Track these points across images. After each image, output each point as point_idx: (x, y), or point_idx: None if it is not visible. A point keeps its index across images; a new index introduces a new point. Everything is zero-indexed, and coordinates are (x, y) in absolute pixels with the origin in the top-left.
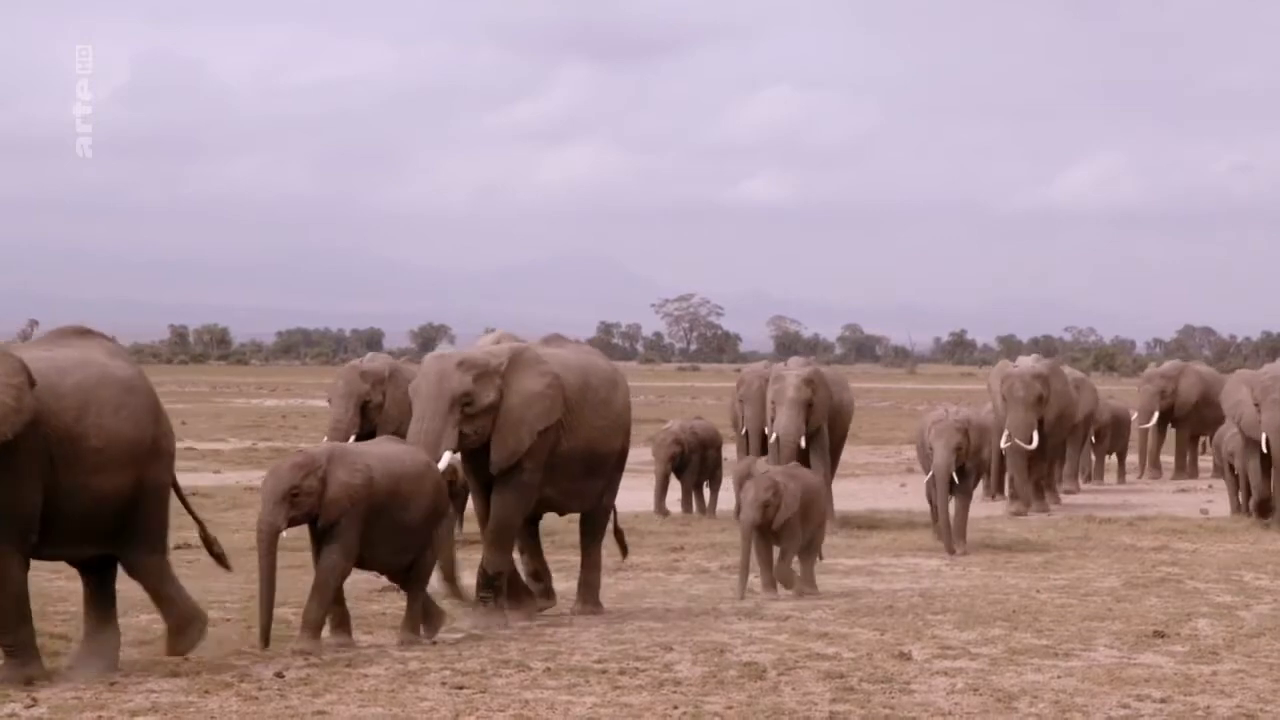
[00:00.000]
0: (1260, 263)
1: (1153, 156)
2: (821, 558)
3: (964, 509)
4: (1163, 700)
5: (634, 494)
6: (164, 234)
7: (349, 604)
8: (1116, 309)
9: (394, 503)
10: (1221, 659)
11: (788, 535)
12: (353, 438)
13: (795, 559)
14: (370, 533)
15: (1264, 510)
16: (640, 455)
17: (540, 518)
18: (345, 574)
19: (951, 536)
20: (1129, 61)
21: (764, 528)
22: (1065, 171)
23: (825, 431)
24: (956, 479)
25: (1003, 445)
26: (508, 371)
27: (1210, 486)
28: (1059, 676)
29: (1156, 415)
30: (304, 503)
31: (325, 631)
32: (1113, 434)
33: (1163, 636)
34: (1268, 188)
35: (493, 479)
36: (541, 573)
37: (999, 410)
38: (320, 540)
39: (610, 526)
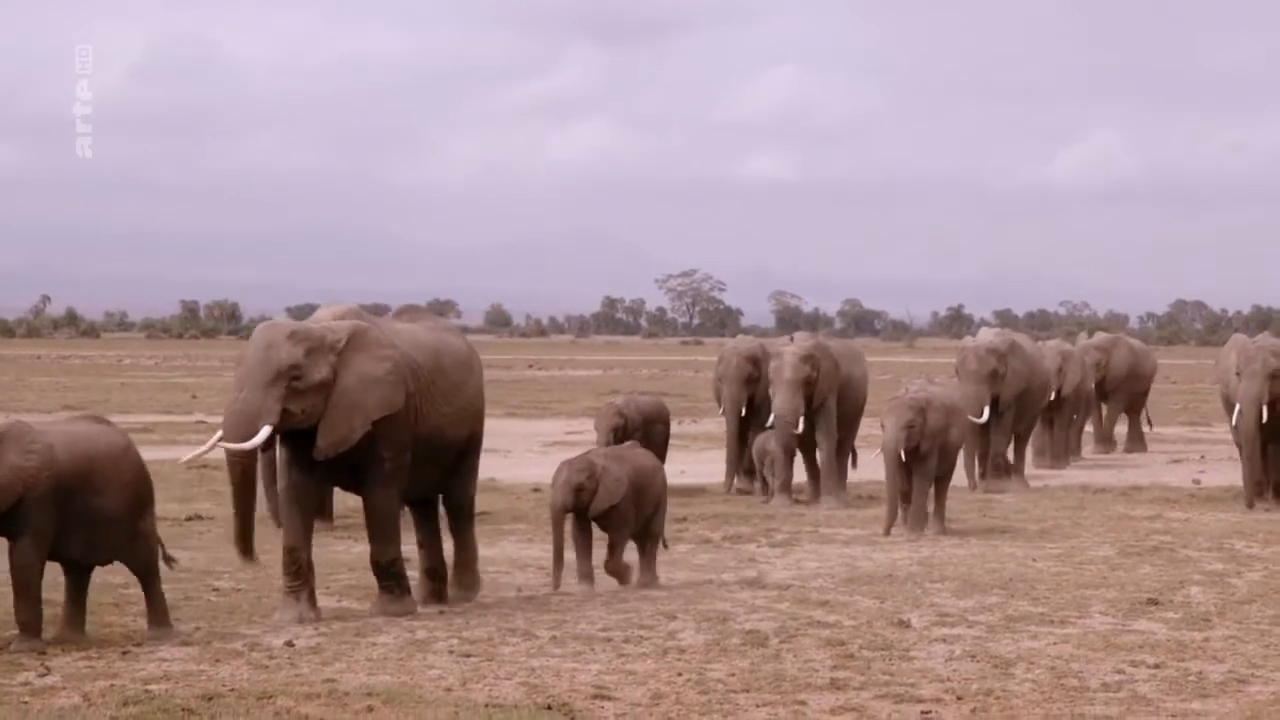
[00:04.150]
0: (1252, 238)
1: (1148, 134)
2: (666, 546)
3: (923, 490)
4: (1156, 666)
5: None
6: (177, 211)
7: (355, 574)
8: (1111, 284)
9: (85, 487)
10: (1213, 625)
11: (615, 525)
12: None
13: (653, 549)
14: (60, 521)
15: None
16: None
17: (435, 511)
18: (38, 569)
19: (893, 517)
20: (1126, 40)
21: (580, 513)
22: (1063, 149)
23: (832, 407)
24: (913, 458)
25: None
26: (346, 349)
27: (1203, 457)
28: (1055, 643)
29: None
30: None
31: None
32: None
33: (1156, 604)
34: (1261, 164)
35: (323, 465)
36: (439, 570)
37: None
38: (3, 533)
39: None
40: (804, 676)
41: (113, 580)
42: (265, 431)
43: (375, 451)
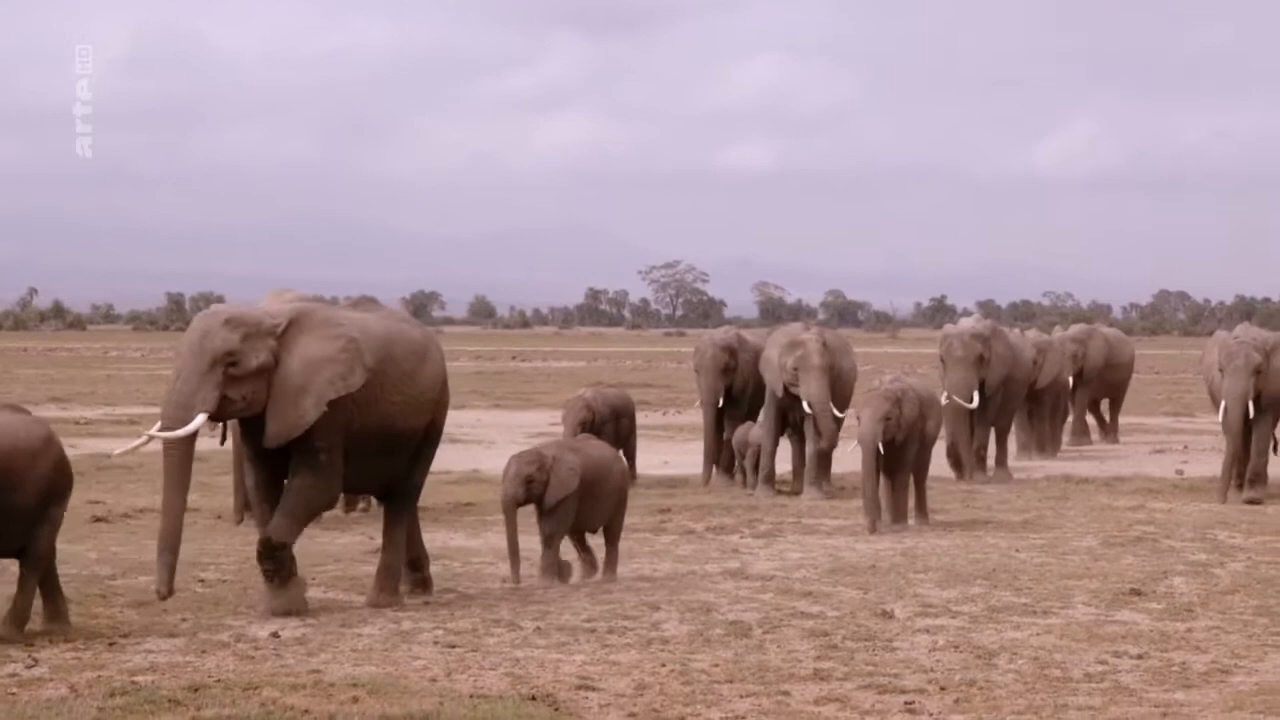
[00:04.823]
0: (1236, 227)
1: (1132, 122)
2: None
3: (903, 484)
4: (1139, 656)
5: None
6: (164, 203)
7: (342, 565)
8: (1094, 274)
9: (2, 483)
10: (1197, 616)
11: (556, 518)
12: None
13: (615, 546)
14: None
15: (1240, 481)
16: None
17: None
18: None
19: (876, 512)
20: (1110, 27)
21: (536, 506)
22: (1046, 138)
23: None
24: (890, 450)
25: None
26: (287, 333)
27: (1186, 448)
28: (1038, 634)
29: (1070, 379)
30: None
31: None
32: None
33: (1139, 594)
34: (1244, 152)
35: (279, 457)
36: (421, 560)
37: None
38: None
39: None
40: (787, 667)
41: (100, 572)
42: (200, 419)
43: (308, 439)
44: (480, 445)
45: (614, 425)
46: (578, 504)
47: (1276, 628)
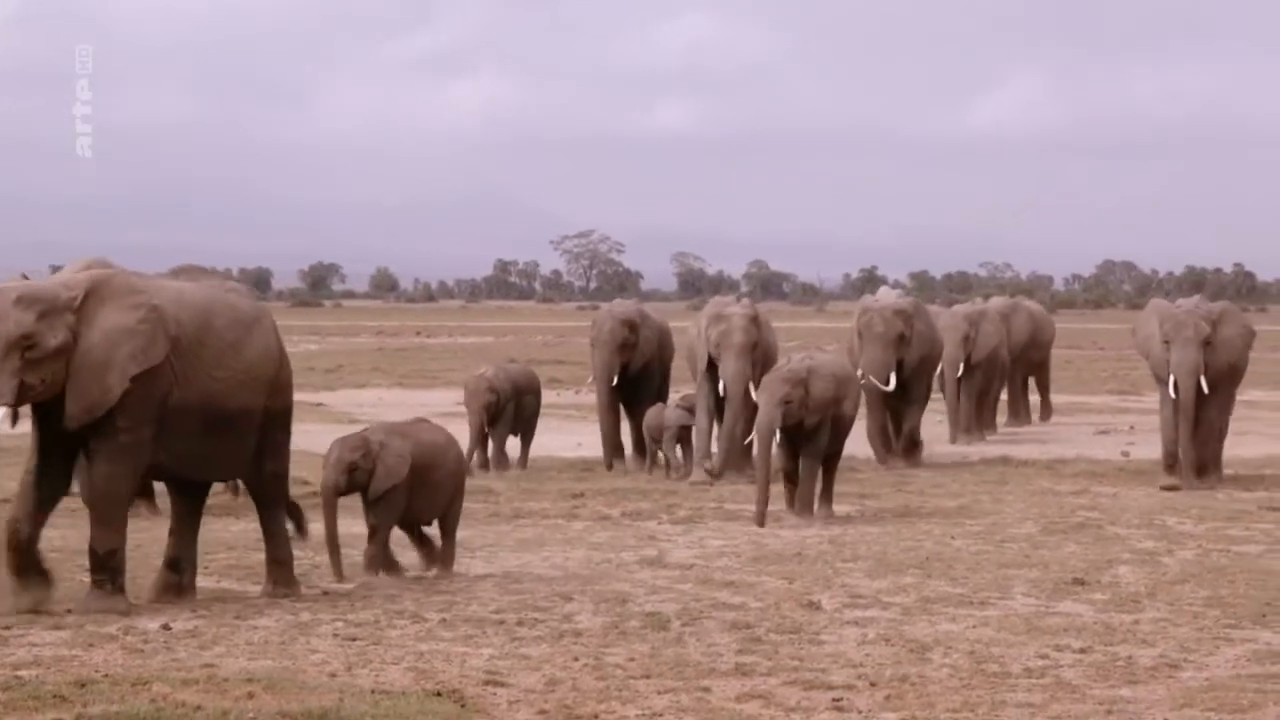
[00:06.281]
0: (1187, 193)
1: (1074, 80)
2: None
3: (812, 471)
4: (1082, 650)
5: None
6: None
7: (235, 553)
8: (1035, 242)
9: None
10: (1143, 607)
11: (382, 509)
12: None
13: (452, 539)
14: None
15: (1172, 465)
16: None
17: (204, 498)
18: None
19: (766, 504)
20: None
21: (361, 495)
22: (982, 97)
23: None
24: (799, 434)
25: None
26: (85, 305)
27: (1132, 428)
28: (974, 626)
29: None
30: None
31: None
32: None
33: (1082, 584)
34: (1198, 113)
35: (84, 441)
36: (183, 563)
37: (855, 349)
38: None
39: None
40: (708, 661)
41: None
42: (1, 413)
43: (110, 419)
44: None
45: (516, 404)
46: (408, 494)
47: (1228, 620)
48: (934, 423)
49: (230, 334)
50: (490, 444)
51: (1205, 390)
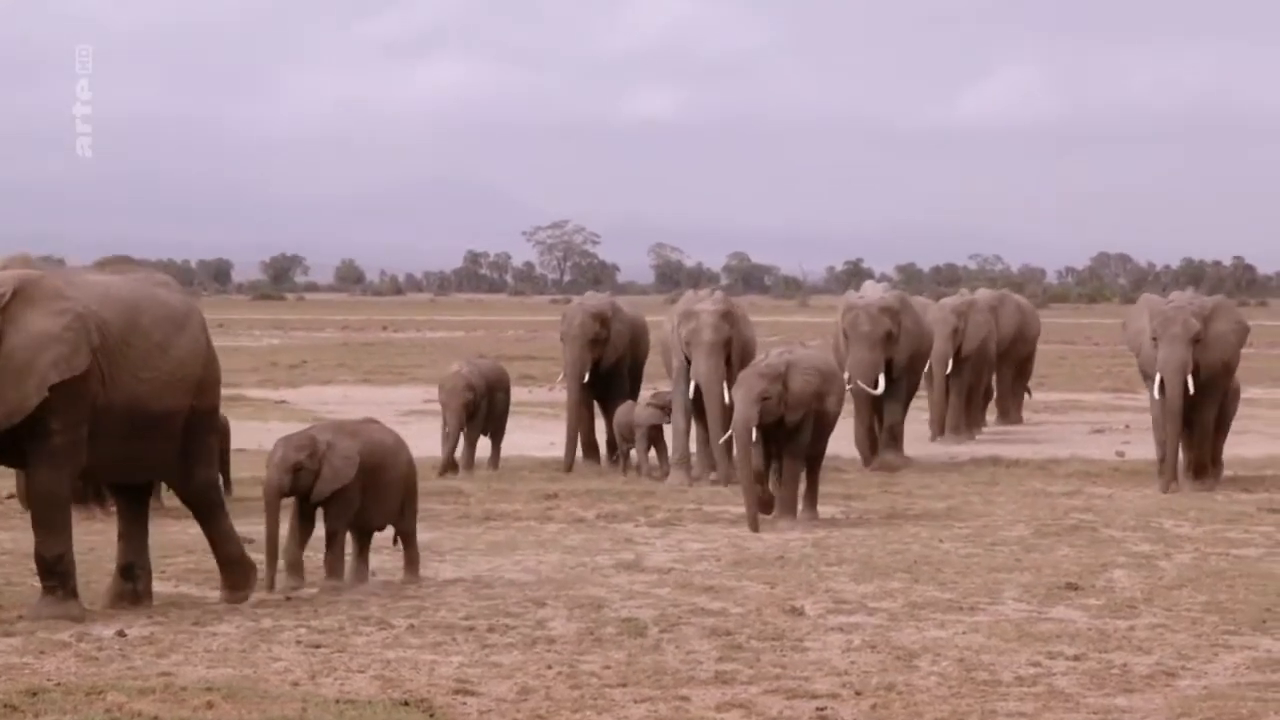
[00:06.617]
0: (1184, 184)
1: (1068, 70)
2: (398, 543)
3: (795, 472)
4: (1076, 657)
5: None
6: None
7: (194, 557)
8: (1026, 235)
9: None
10: (1139, 613)
11: (335, 512)
12: None
13: (412, 543)
14: None
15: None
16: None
17: (146, 499)
18: None
19: (755, 506)
20: None
21: (303, 498)
22: (973, 86)
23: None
24: (780, 433)
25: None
26: (10, 306)
27: (1127, 427)
28: (964, 632)
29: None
30: None
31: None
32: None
33: (1076, 589)
34: (1195, 103)
35: (15, 446)
36: (137, 569)
37: (840, 348)
38: None
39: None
40: (686, 669)
41: None
42: None
43: (43, 422)
44: None
45: (488, 401)
46: (361, 496)
47: (1227, 626)
48: (918, 421)
49: (158, 333)
50: (461, 443)
51: (1191, 389)
